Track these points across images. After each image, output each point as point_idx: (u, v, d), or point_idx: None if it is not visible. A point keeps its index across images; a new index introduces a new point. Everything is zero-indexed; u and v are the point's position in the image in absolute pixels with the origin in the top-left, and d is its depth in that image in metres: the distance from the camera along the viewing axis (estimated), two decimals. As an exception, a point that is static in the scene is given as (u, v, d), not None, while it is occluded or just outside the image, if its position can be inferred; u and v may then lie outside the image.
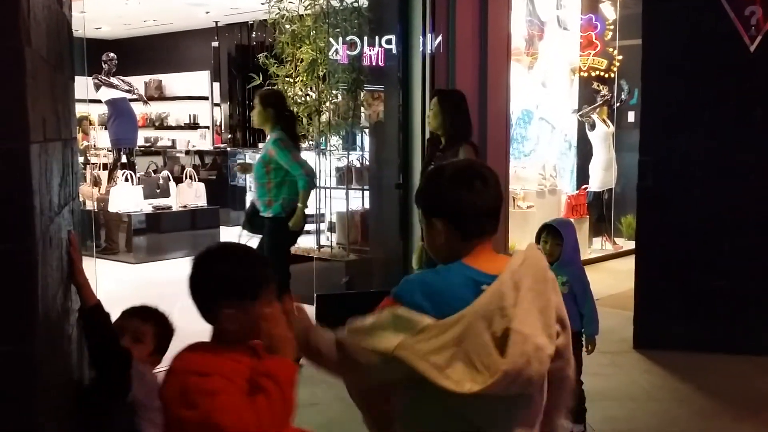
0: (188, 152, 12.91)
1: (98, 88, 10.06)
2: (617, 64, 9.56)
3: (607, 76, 9.57)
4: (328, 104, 7.36)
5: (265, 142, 5.68)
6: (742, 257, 5.52)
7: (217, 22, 13.12)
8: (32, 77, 1.65)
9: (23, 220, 1.59)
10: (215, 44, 13.35)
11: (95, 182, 9.24)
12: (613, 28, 9.54)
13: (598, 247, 9.39)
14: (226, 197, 11.06)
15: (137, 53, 14.03)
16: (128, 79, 10.87)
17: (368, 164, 7.28)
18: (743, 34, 5.43)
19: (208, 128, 14.12)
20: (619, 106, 9.87)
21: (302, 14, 7.37)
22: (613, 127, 9.47)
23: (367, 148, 7.43)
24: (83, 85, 7.47)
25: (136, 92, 10.87)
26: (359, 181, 7.31)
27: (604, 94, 9.38)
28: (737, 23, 5.42)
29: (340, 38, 7.01)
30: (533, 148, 8.86)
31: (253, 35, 12.47)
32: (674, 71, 5.63)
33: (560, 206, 8.69)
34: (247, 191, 10.33)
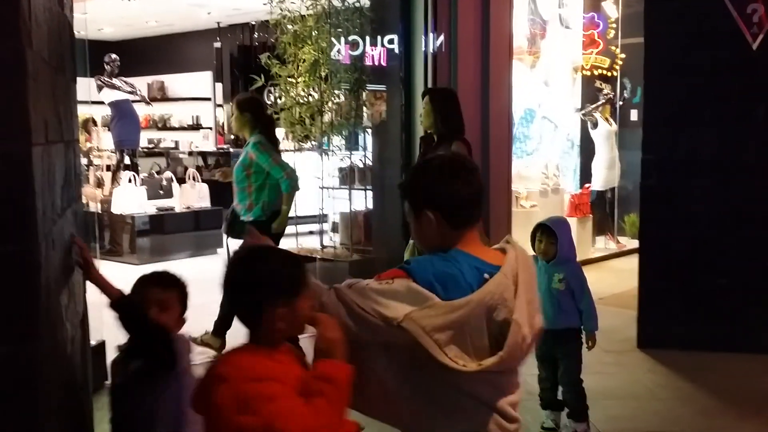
0: (191, 153, 12.92)
1: (101, 89, 10.06)
2: (620, 62, 9.53)
3: (609, 74, 9.54)
4: (330, 104, 7.35)
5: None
6: (745, 256, 5.51)
7: (219, 22, 13.12)
8: (33, 79, 1.66)
9: (25, 221, 1.60)
10: (217, 45, 13.35)
11: (98, 184, 9.23)
12: (615, 26, 9.51)
13: (601, 245, 9.37)
14: (229, 198, 11.02)
15: (140, 54, 14.04)
16: (131, 80, 10.88)
17: (371, 164, 7.28)
18: (745, 31, 5.42)
19: (210, 129, 14.11)
20: (621, 104, 9.84)
21: (304, 14, 7.36)
22: (615, 125, 9.45)
23: (369, 148, 7.43)
24: (86, 86, 7.47)
25: (138, 93, 10.88)
26: (362, 181, 7.31)
27: (606, 92, 9.35)
28: (739, 21, 5.42)
29: (342, 38, 7.02)
30: (536, 147, 8.83)
31: (255, 36, 12.48)
32: (677, 69, 5.62)
33: (563, 205, 8.66)
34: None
